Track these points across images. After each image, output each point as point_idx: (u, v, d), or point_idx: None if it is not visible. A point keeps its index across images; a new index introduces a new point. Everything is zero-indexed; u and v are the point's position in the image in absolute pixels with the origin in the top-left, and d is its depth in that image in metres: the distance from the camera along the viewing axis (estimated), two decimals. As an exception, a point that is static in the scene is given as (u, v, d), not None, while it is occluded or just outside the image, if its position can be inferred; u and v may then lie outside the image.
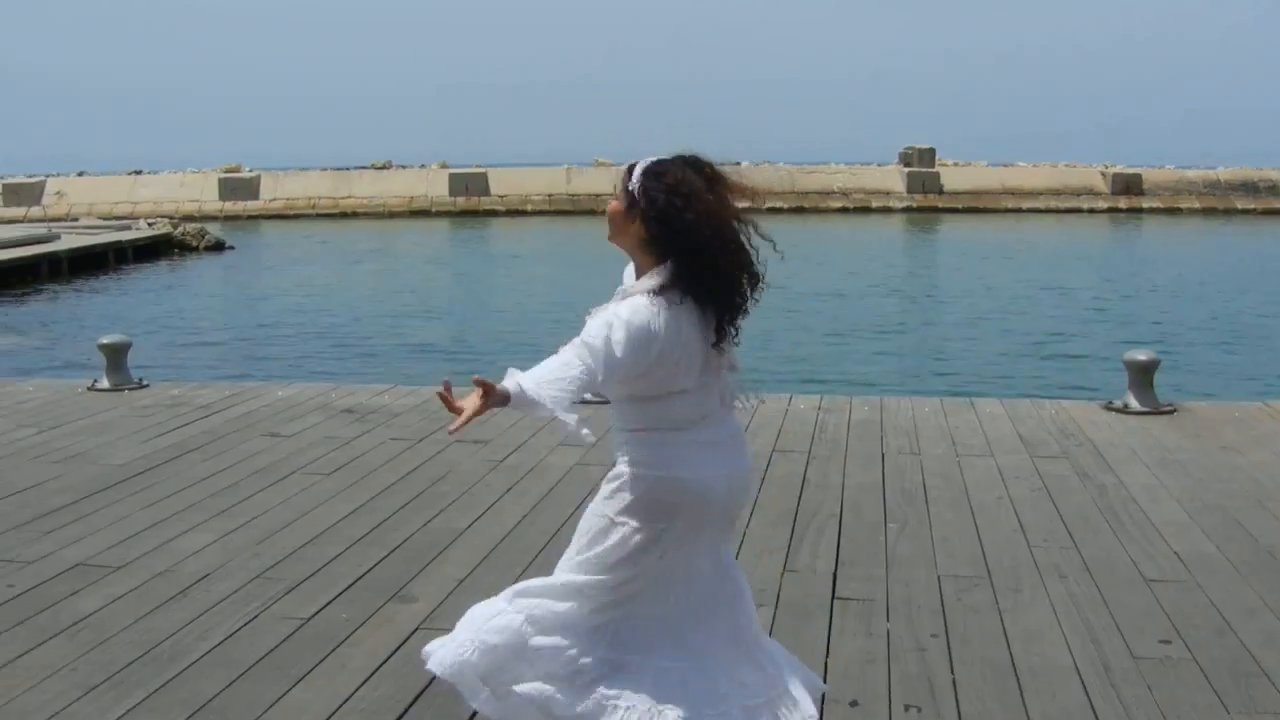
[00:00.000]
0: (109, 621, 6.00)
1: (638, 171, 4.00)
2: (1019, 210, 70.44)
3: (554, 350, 3.80)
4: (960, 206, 70.36)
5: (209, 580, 6.57)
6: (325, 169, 78.65)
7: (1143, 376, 10.67)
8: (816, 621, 5.94)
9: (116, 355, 12.12)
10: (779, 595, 6.30)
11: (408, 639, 5.74)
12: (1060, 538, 7.23)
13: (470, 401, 3.65)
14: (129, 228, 50.64)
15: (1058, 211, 70.24)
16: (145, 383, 12.19)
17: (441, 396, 3.68)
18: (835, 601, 6.22)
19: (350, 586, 6.47)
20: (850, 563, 6.80)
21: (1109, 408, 10.69)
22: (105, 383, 11.98)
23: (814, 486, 8.34)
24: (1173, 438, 9.66)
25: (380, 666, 5.44)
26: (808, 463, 8.96)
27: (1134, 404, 10.61)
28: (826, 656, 5.53)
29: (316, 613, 6.09)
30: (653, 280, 3.94)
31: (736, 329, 4.06)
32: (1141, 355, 10.82)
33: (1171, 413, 10.52)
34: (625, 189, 4.01)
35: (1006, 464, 8.91)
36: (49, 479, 8.67)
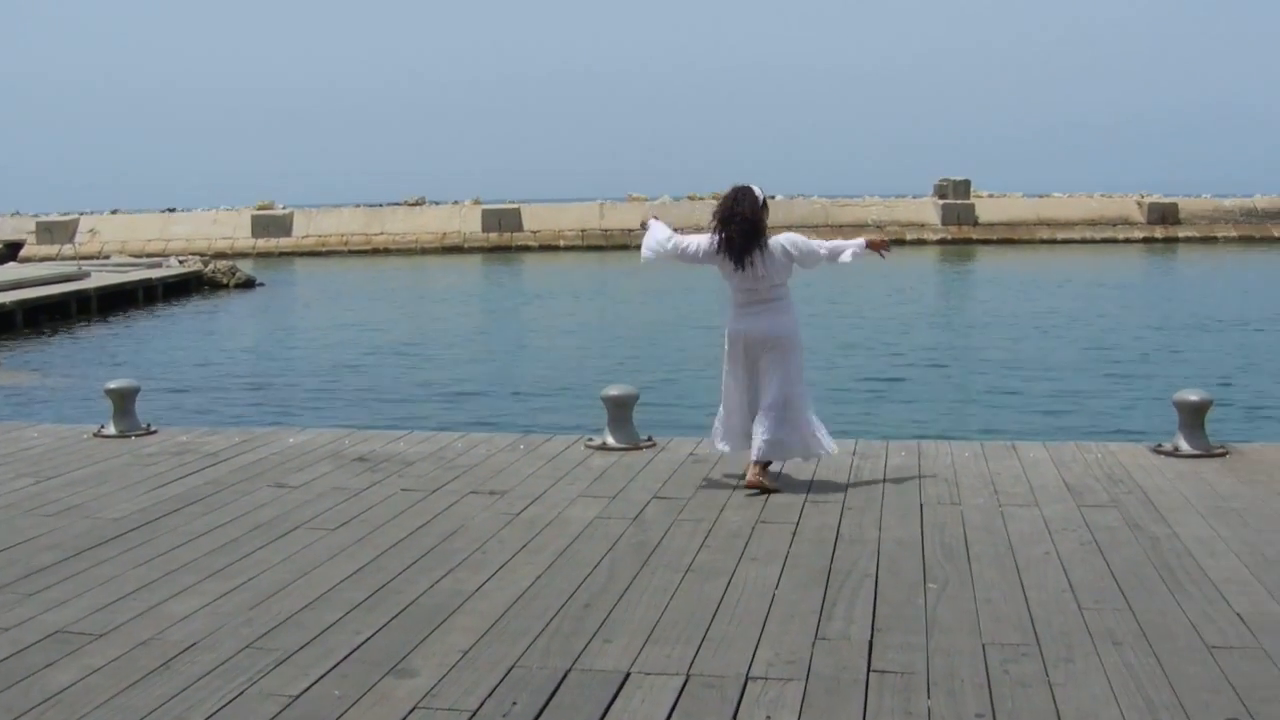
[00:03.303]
0: (82, 698, 5.52)
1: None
2: (1054, 241, 70.01)
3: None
4: (995, 238, 69.95)
5: (194, 650, 6.09)
6: (358, 205, 78.99)
7: (1194, 418, 10.08)
8: (851, 699, 5.40)
9: (124, 400, 11.69)
10: (810, 667, 5.76)
11: (403, 720, 5.26)
12: (1113, 598, 6.67)
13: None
14: (160, 265, 50.81)
15: (1093, 242, 69.75)
16: (153, 428, 11.76)
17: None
18: (871, 675, 5.68)
19: (346, 658, 5.97)
20: (887, 629, 6.25)
21: (1158, 450, 10.13)
22: (112, 429, 11.56)
23: (848, 542, 7.79)
24: (1227, 483, 9.10)
25: (369, 754, 4.95)
26: (841, 515, 8.45)
27: (1185, 447, 10.01)
28: (861, 741, 5.00)
29: (306, 689, 5.59)
30: None
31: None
32: (1193, 395, 10.19)
33: (1224, 455, 9.96)
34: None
35: (1052, 514, 8.36)
36: (40, 534, 8.23)
